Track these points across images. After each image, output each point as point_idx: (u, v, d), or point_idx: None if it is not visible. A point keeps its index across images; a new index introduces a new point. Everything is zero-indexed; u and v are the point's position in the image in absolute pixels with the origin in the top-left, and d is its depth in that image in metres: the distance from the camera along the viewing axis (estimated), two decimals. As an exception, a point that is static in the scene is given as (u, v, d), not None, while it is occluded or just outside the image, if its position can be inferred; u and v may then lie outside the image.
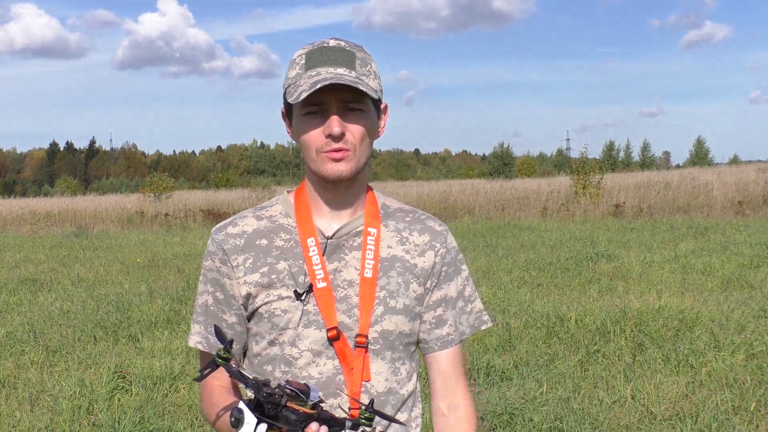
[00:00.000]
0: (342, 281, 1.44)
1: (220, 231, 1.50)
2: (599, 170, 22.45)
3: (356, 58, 1.40)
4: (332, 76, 1.34)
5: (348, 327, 1.43)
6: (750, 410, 4.47)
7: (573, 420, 4.39)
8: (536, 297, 8.11)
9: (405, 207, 1.57)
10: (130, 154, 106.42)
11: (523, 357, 5.74)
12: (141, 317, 7.62)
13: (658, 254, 11.24)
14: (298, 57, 1.42)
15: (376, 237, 1.47)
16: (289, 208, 1.50)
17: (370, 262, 1.45)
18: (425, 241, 1.52)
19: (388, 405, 1.46)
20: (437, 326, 1.53)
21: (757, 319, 6.61)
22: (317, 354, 1.42)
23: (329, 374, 1.42)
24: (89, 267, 12.56)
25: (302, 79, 1.38)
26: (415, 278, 1.49)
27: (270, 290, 1.43)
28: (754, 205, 19.26)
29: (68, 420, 4.67)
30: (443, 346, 1.54)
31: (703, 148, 77.22)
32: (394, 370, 1.47)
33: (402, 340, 1.48)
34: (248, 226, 1.49)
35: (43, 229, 22.98)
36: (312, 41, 1.46)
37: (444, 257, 1.53)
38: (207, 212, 24.16)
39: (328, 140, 1.37)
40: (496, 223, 19.01)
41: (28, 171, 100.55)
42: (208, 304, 1.50)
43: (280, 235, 1.47)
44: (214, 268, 1.48)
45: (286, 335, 1.43)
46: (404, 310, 1.47)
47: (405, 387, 1.50)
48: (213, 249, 1.49)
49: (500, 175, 54.12)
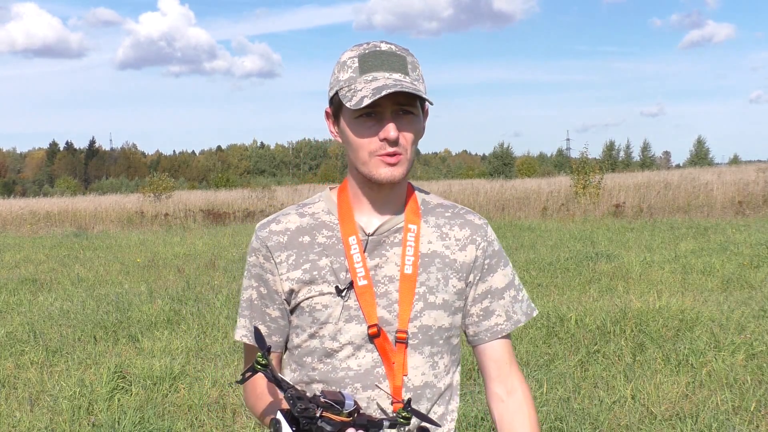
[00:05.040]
0: (383, 277, 1.47)
1: (264, 228, 1.52)
2: (599, 170, 22.47)
3: (408, 63, 1.42)
4: (393, 82, 1.35)
5: (388, 322, 1.45)
6: (750, 410, 4.47)
7: (573, 420, 4.39)
8: (536, 297, 8.11)
9: (445, 202, 1.59)
10: (130, 154, 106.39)
11: (523, 357, 5.74)
12: (141, 317, 7.62)
13: (658, 254, 11.24)
14: (350, 60, 1.42)
15: (416, 233, 1.49)
16: (332, 205, 1.53)
17: (410, 258, 1.47)
18: (466, 235, 1.54)
19: (424, 398, 1.48)
20: (485, 318, 1.55)
21: (757, 319, 6.61)
22: (357, 348, 1.45)
23: (368, 366, 1.45)
24: (89, 267, 12.56)
25: (358, 83, 1.38)
26: (455, 273, 1.51)
27: (312, 286, 1.46)
28: (754, 205, 19.25)
29: (68, 420, 4.67)
30: (493, 336, 1.56)
31: (703, 148, 77.33)
32: (432, 364, 1.49)
33: (441, 334, 1.50)
34: (291, 223, 1.52)
35: (43, 229, 22.98)
36: (360, 43, 1.46)
37: (486, 250, 1.55)
38: (207, 212, 24.17)
39: (383, 144, 1.39)
40: (496, 223, 19.01)
41: (28, 171, 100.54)
42: (252, 299, 1.54)
43: (322, 232, 1.50)
44: (257, 264, 1.52)
45: (326, 329, 1.46)
46: (443, 305, 1.49)
47: (442, 380, 1.52)
48: (257, 245, 1.52)
49: (500, 175, 54.15)
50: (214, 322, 7.32)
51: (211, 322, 7.36)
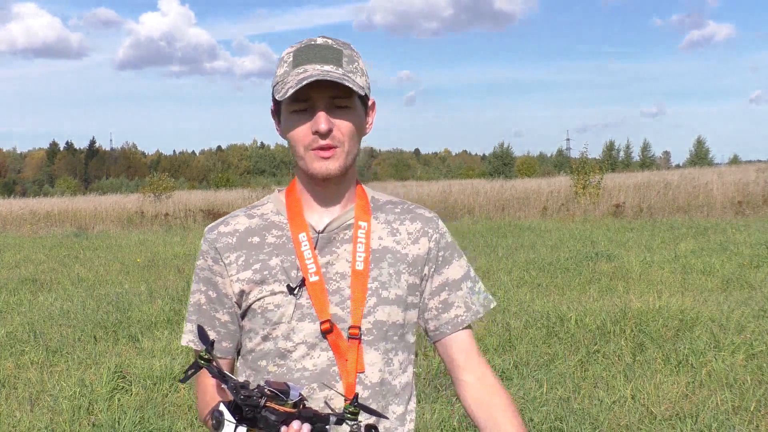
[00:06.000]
0: (334, 274, 1.45)
1: (212, 230, 1.51)
2: (599, 170, 22.46)
3: (343, 56, 1.41)
4: (319, 72, 1.35)
5: (341, 319, 1.44)
6: (750, 410, 4.47)
7: (573, 420, 4.39)
8: (536, 297, 8.11)
9: (394, 199, 1.59)
10: (130, 154, 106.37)
11: (523, 357, 5.74)
12: (141, 317, 7.62)
13: (658, 254, 11.24)
14: (286, 55, 1.43)
15: (366, 230, 1.48)
16: (280, 206, 1.52)
17: (361, 254, 1.46)
18: (417, 228, 1.53)
19: (380, 395, 1.47)
20: (445, 310, 1.54)
21: (757, 319, 6.61)
22: (311, 346, 1.43)
23: (323, 366, 1.43)
24: (89, 267, 12.56)
25: (290, 77, 1.39)
26: (407, 268, 1.50)
27: (263, 286, 1.45)
28: (754, 205, 19.25)
29: (68, 420, 4.67)
30: (455, 328, 1.54)
31: (703, 148, 77.25)
32: (387, 360, 1.48)
33: (396, 330, 1.49)
34: (240, 225, 1.50)
35: (43, 229, 22.98)
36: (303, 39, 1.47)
37: (438, 242, 1.54)
38: (207, 212, 24.15)
39: (315, 137, 1.39)
40: (496, 223, 19.01)
41: (28, 171, 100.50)
42: (200, 303, 1.52)
43: (271, 232, 1.49)
44: (206, 267, 1.50)
45: (279, 329, 1.44)
46: (396, 300, 1.48)
47: (398, 378, 1.51)
48: (205, 248, 1.50)
49: (500, 175, 54.11)
50: (214, 322, 7.31)
51: (211, 322, 7.36)
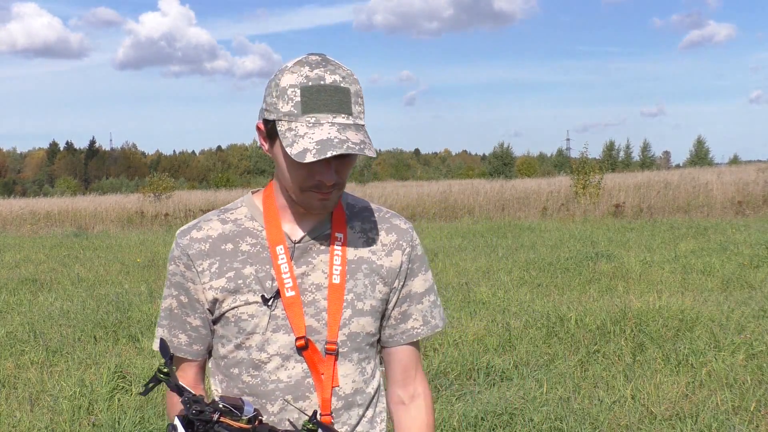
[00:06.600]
0: (310, 285, 1.43)
1: (184, 235, 1.48)
2: (599, 170, 22.46)
3: (351, 96, 1.33)
4: (337, 138, 1.27)
5: (316, 331, 1.42)
6: (750, 410, 4.47)
7: (573, 420, 4.39)
8: (536, 297, 8.11)
9: (371, 206, 1.57)
10: (130, 154, 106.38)
11: (523, 357, 5.74)
12: (141, 317, 7.62)
13: (658, 254, 11.24)
14: (291, 90, 1.31)
15: (343, 240, 1.47)
16: (255, 210, 1.48)
17: (337, 267, 1.44)
18: (392, 240, 1.52)
19: (355, 405, 1.47)
20: (403, 321, 1.54)
21: (757, 319, 6.61)
22: (286, 358, 1.42)
23: (298, 378, 1.42)
24: (89, 267, 12.56)
25: (300, 126, 1.30)
26: (381, 279, 1.49)
27: (237, 295, 1.42)
28: (754, 205, 19.25)
29: (68, 420, 4.67)
30: (408, 339, 1.55)
31: (703, 148, 77.28)
32: (361, 370, 1.48)
33: (368, 340, 1.49)
34: (213, 231, 1.47)
35: (43, 229, 22.98)
36: (303, 62, 1.34)
37: (410, 255, 1.54)
38: (207, 212, 24.12)
39: (319, 183, 1.35)
40: (496, 223, 19.00)
41: (28, 171, 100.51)
42: (172, 308, 1.50)
43: (246, 240, 1.46)
44: (178, 272, 1.48)
45: (253, 339, 1.42)
46: (371, 311, 1.48)
47: (371, 384, 1.51)
48: (177, 254, 1.47)
49: (500, 175, 54.18)
50: (214, 322, 7.32)
51: (211, 322, 7.36)
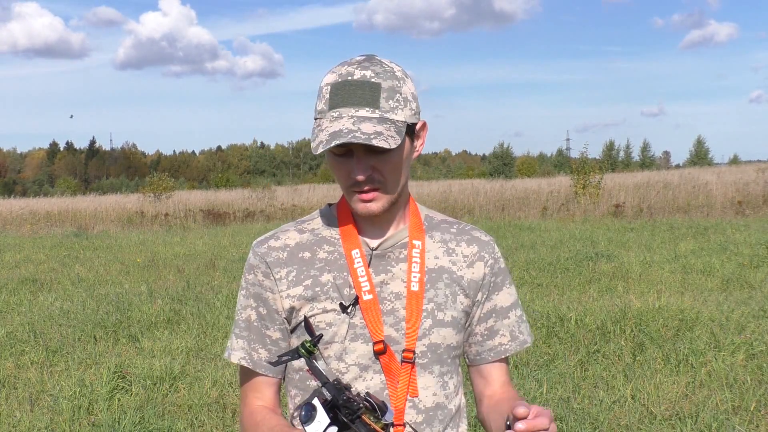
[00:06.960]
0: (389, 294, 1.40)
1: (261, 244, 1.46)
2: (599, 170, 22.49)
3: (381, 91, 1.30)
4: (349, 129, 1.26)
5: (395, 341, 1.39)
6: (750, 410, 4.47)
7: (573, 420, 4.39)
8: (536, 297, 8.11)
9: (449, 219, 1.55)
10: (130, 154, 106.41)
11: (523, 357, 5.74)
12: (141, 317, 7.62)
13: (658, 254, 11.24)
14: (325, 87, 1.33)
15: (421, 249, 1.43)
16: (331, 220, 1.47)
17: (416, 275, 1.41)
18: (474, 252, 1.49)
19: (436, 420, 1.43)
20: (489, 337, 1.50)
21: (757, 319, 6.61)
22: (364, 368, 1.39)
23: (376, 389, 1.38)
24: (89, 267, 12.56)
25: (324, 120, 1.30)
26: (462, 290, 1.46)
27: (314, 303, 1.40)
28: (754, 205, 19.25)
29: (68, 420, 4.67)
30: (497, 356, 1.51)
31: (703, 148, 77.39)
32: (443, 384, 1.44)
33: (450, 353, 1.45)
34: (290, 240, 1.45)
35: (43, 229, 22.97)
36: (344, 61, 1.35)
37: (493, 267, 1.50)
38: (207, 212, 24.17)
39: (355, 181, 1.33)
40: (496, 223, 19.00)
41: (28, 171, 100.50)
42: (251, 320, 1.45)
43: (323, 248, 1.44)
44: (256, 281, 1.44)
45: (331, 349, 1.39)
46: (452, 322, 1.44)
47: (453, 402, 1.47)
48: (255, 262, 1.44)
49: (500, 175, 54.20)
50: (214, 322, 7.32)
51: (211, 322, 7.36)
